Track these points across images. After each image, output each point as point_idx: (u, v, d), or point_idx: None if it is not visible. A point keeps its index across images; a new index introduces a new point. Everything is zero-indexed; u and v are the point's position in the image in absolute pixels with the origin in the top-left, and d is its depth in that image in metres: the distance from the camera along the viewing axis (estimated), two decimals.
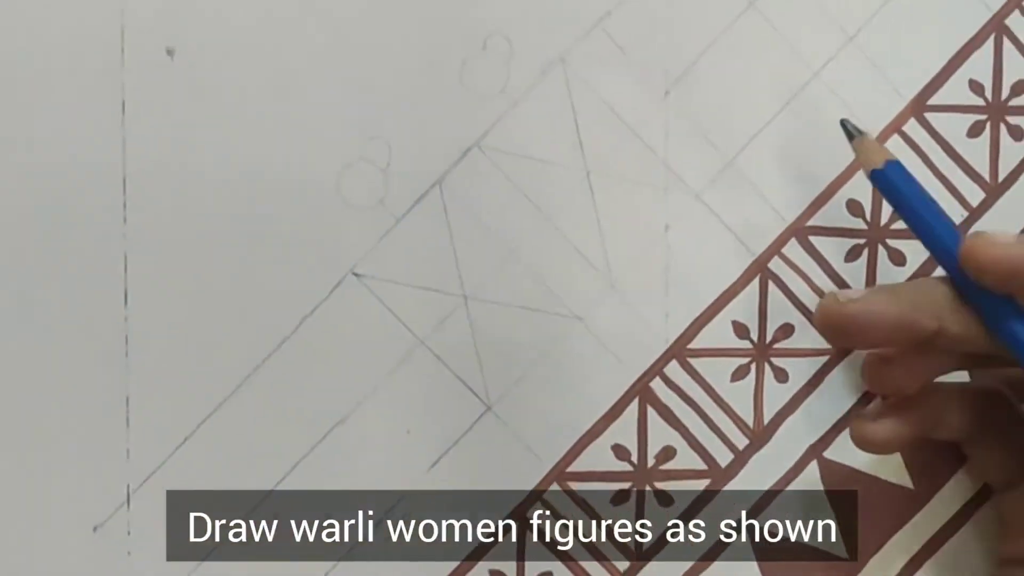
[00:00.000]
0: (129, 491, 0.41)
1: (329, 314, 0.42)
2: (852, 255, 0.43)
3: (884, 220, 0.43)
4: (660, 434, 0.43)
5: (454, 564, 0.42)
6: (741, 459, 0.43)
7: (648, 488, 0.42)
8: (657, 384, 0.43)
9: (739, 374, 0.43)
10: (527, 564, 0.42)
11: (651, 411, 0.43)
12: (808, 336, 0.43)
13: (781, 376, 0.43)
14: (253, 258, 0.42)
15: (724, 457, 0.43)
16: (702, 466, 0.43)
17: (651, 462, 0.43)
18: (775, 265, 0.43)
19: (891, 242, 0.43)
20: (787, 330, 0.43)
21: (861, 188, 0.43)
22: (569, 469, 0.42)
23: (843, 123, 0.41)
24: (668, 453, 0.43)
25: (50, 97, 0.41)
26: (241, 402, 0.41)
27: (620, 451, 0.43)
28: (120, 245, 0.41)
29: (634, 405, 0.43)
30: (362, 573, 0.42)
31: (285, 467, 0.41)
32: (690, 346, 0.43)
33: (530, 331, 0.42)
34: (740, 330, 0.43)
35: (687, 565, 0.42)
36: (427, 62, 0.42)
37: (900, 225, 0.43)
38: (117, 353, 0.41)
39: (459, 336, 0.42)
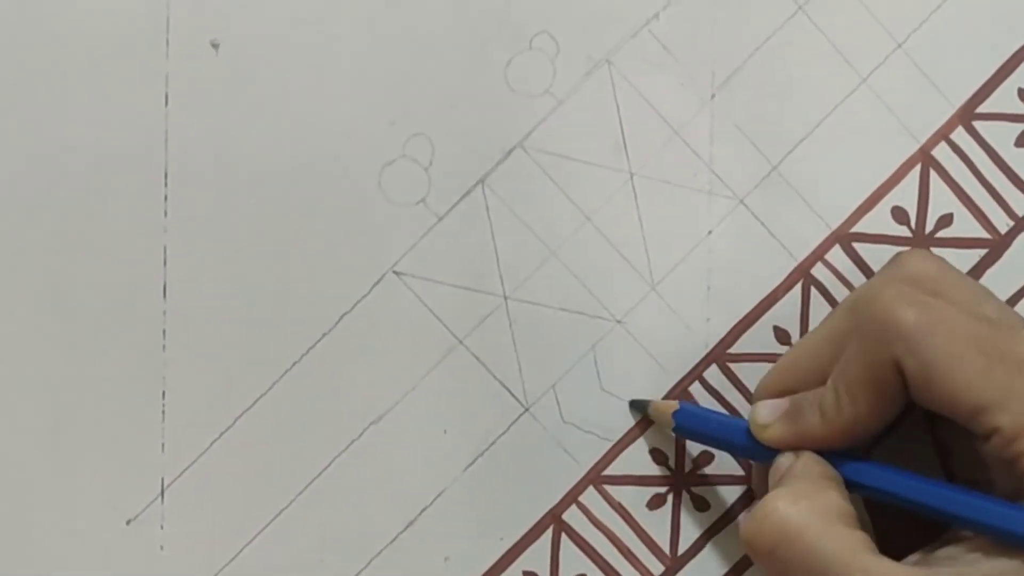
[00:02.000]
0: (163, 485, 0.41)
1: (368, 312, 0.42)
2: None
3: (929, 228, 0.43)
4: None
5: (488, 564, 0.42)
6: None
7: (685, 493, 0.42)
8: (697, 388, 0.42)
9: None
10: (561, 566, 0.42)
11: None
12: None
13: None
14: (293, 254, 0.41)
15: None
16: (740, 472, 0.42)
17: (688, 467, 0.42)
18: (818, 271, 0.43)
19: (936, 250, 0.43)
20: None
21: (906, 195, 0.43)
22: (606, 472, 0.42)
23: (631, 404, 0.42)
24: (705, 458, 0.42)
25: (94, 88, 0.41)
26: (278, 398, 0.41)
27: (657, 455, 0.42)
28: (160, 238, 0.41)
29: None
30: (395, 572, 0.41)
31: (321, 464, 0.41)
32: (730, 351, 0.43)
33: (570, 333, 0.42)
34: (781, 336, 0.43)
35: (723, 570, 0.42)
36: (472, 59, 0.42)
37: (945, 233, 0.43)
38: (155, 346, 0.41)
39: (498, 337, 0.42)
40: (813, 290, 0.43)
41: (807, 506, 0.36)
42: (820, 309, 0.43)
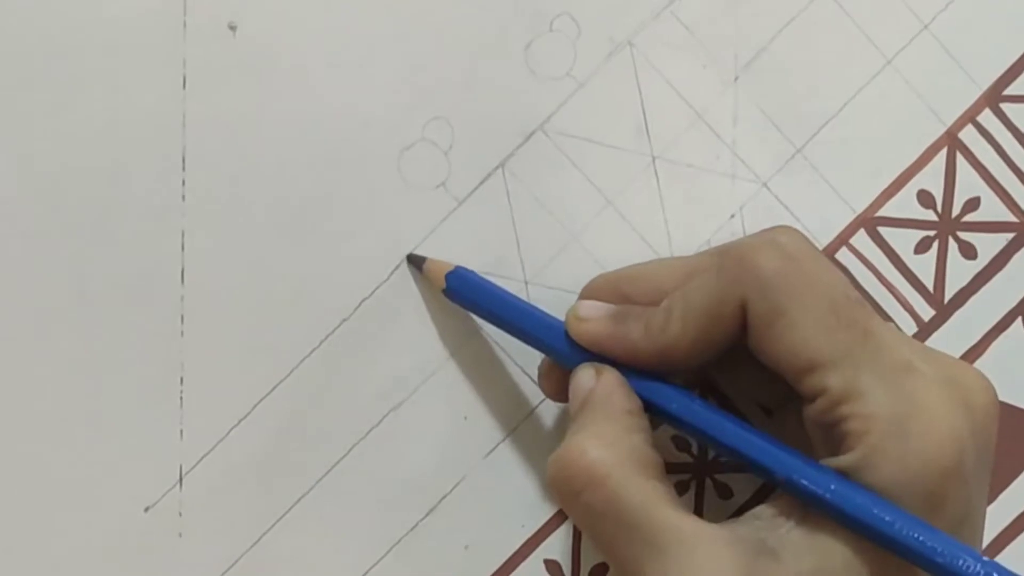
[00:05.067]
0: (182, 472, 0.41)
1: (388, 297, 0.41)
2: (922, 247, 0.43)
3: (956, 212, 0.43)
4: None
5: (509, 552, 0.41)
6: None
7: (708, 480, 0.42)
8: None
9: None
10: (583, 554, 0.42)
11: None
12: None
13: None
14: (311, 238, 0.41)
15: None
16: None
17: (711, 454, 0.42)
18: (842, 256, 0.43)
19: (962, 234, 0.43)
20: None
21: (933, 179, 0.43)
22: None
23: (408, 258, 0.41)
24: None
25: (111, 72, 0.40)
26: (297, 384, 0.41)
27: (680, 442, 0.42)
28: (178, 223, 0.41)
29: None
30: (415, 560, 0.41)
31: (340, 451, 0.41)
32: None
33: None
34: None
35: None
36: (492, 42, 0.42)
37: (972, 217, 0.43)
38: (173, 332, 0.41)
39: None
40: None
41: (614, 452, 0.36)
42: None
